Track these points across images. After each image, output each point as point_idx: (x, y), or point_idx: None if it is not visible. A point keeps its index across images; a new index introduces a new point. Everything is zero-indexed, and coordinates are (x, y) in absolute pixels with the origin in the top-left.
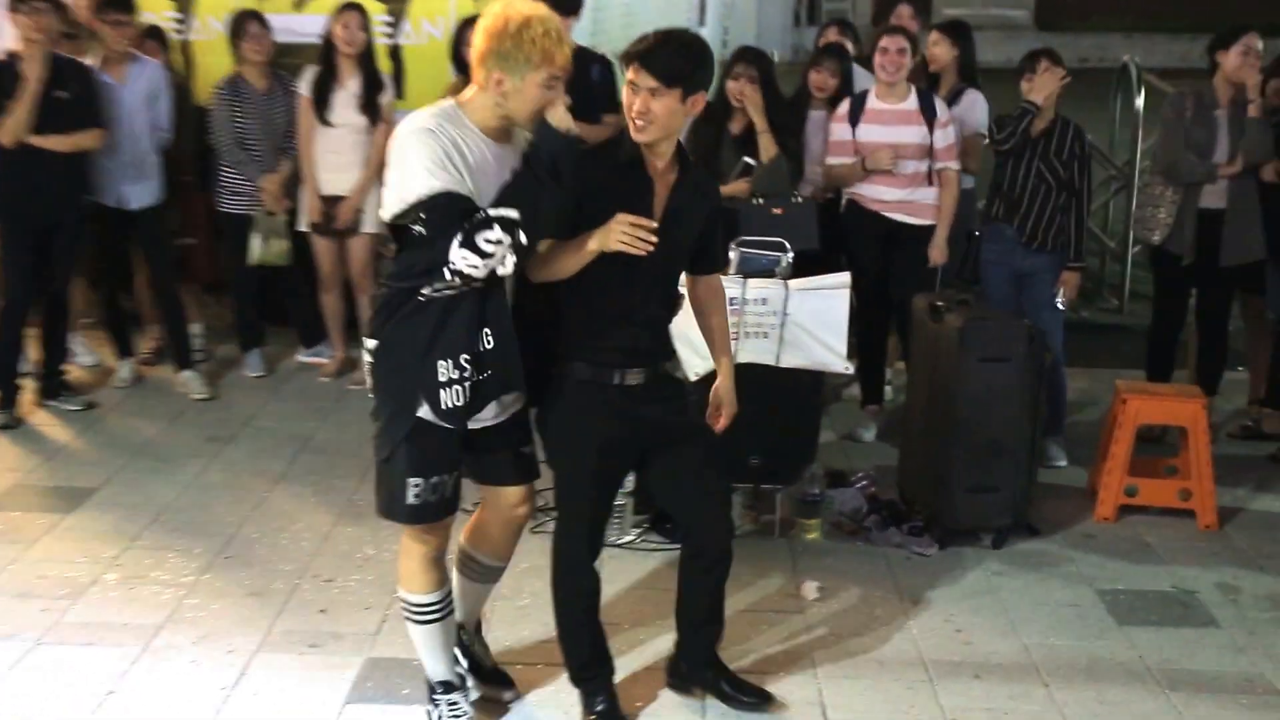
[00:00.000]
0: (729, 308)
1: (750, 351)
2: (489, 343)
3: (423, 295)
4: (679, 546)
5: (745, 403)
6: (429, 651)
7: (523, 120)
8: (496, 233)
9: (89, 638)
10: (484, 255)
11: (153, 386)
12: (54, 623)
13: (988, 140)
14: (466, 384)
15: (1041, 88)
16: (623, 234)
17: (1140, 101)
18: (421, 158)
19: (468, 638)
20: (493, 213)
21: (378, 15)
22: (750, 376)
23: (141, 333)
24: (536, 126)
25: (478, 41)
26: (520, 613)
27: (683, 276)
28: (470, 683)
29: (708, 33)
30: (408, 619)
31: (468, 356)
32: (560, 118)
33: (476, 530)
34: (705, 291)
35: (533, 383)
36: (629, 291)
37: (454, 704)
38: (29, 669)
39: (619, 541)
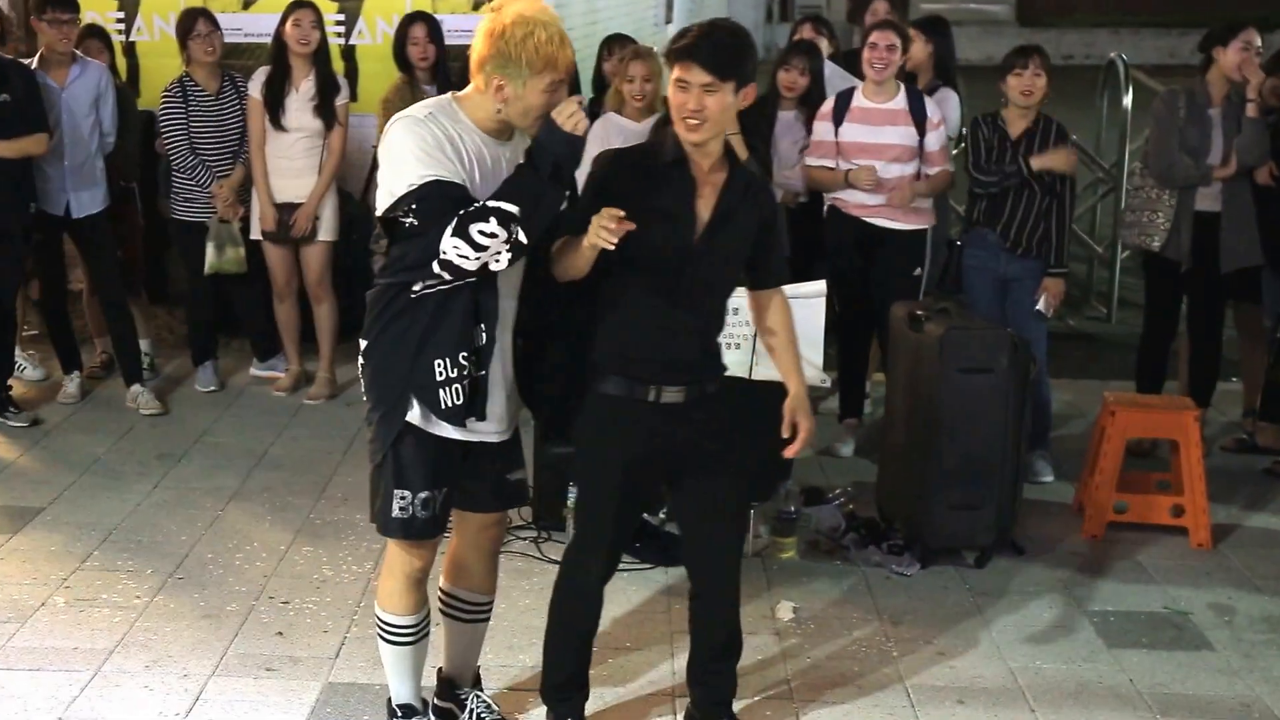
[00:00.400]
0: None
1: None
2: (482, 339)
3: (414, 291)
4: (648, 566)
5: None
6: (397, 674)
7: (524, 125)
8: (492, 225)
9: (36, 662)
10: (477, 247)
11: (101, 401)
12: (0, 647)
13: (958, 147)
14: (466, 382)
15: (1051, 163)
16: (597, 228)
17: (1128, 100)
18: (410, 147)
19: (464, 694)
20: (490, 204)
21: (329, 15)
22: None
23: (88, 346)
24: (543, 125)
25: (477, 44)
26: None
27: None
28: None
29: (674, 30)
30: (381, 638)
31: (466, 354)
32: (569, 117)
33: (454, 565)
34: (765, 306)
35: (557, 399)
36: (668, 301)
37: None
38: None
39: None
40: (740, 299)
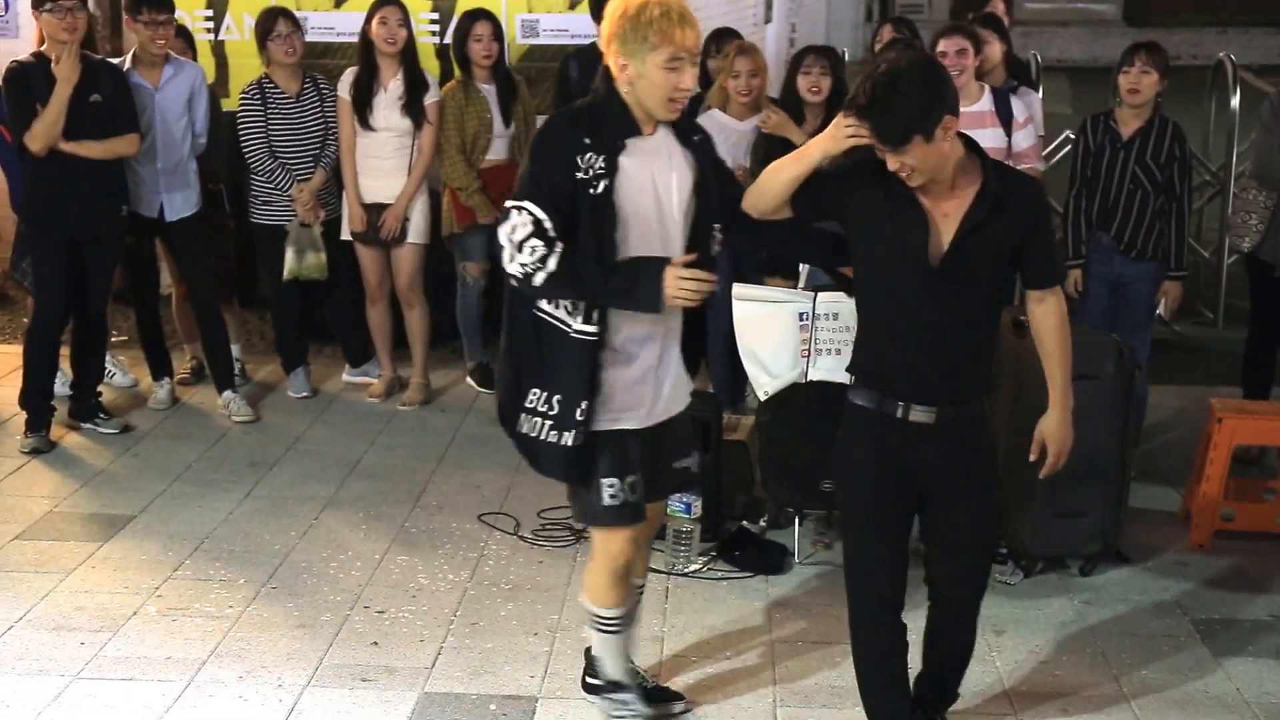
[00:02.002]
0: (799, 323)
1: (823, 369)
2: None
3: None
4: (748, 575)
5: (819, 423)
6: (607, 655)
7: (654, 107)
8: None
9: (129, 672)
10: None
11: (191, 408)
12: (92, 657)
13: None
14: (548, 423)
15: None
16: (678, 289)
17: (1236, 101)
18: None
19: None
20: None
21: (422, 13)
22: (823, 395)
23: (178, 351)
24: (650, 287)
25: (603, 27)
26: (582, 644)
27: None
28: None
29: (773, 30)
30: (593, 627)
31: (560, 399)
32: (679, 289)
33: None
34: (1036, 310)
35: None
36: (914, 323)
37: (623, 702)
38: (66, 706)
39: (685, 570)
40: (839, 305)
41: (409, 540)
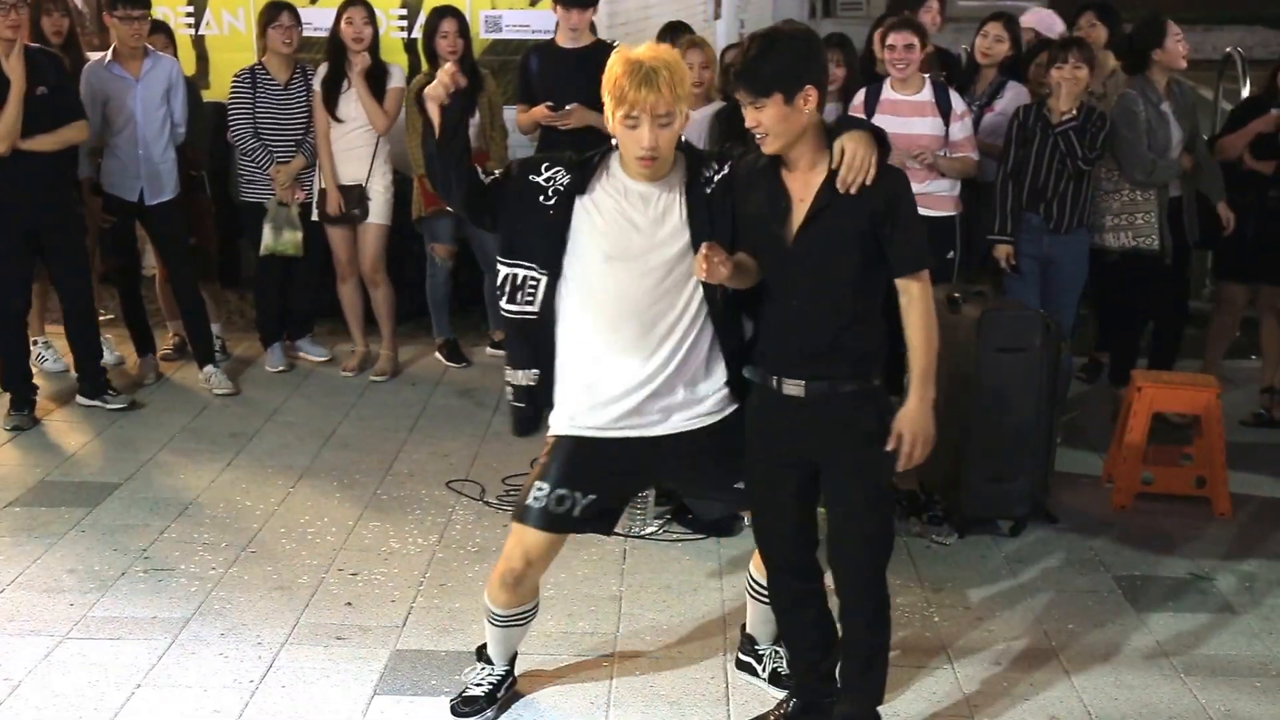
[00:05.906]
0: None
1: None
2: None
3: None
4: (701, 537)
5: None
6: (491, 640)
7: (626, 161)
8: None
9: (117, 631)
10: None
11: (175, 382)
12: (81, 617)
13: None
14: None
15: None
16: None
17: None
18: None
19: (763, 649)
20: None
21: (392, 9)
22: None
23: (162, 329)
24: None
25: None
26: (544, 603)
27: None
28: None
29: (722, 26)
30: (485, 613)
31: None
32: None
33: (757, 555)
34: (901, 301)
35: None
36: (781, 298)
37: (486, 672)
38: (57, 663)
39: (642, 533)
40: None
41: (381, 506)
